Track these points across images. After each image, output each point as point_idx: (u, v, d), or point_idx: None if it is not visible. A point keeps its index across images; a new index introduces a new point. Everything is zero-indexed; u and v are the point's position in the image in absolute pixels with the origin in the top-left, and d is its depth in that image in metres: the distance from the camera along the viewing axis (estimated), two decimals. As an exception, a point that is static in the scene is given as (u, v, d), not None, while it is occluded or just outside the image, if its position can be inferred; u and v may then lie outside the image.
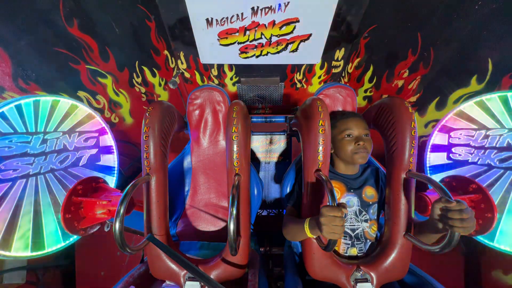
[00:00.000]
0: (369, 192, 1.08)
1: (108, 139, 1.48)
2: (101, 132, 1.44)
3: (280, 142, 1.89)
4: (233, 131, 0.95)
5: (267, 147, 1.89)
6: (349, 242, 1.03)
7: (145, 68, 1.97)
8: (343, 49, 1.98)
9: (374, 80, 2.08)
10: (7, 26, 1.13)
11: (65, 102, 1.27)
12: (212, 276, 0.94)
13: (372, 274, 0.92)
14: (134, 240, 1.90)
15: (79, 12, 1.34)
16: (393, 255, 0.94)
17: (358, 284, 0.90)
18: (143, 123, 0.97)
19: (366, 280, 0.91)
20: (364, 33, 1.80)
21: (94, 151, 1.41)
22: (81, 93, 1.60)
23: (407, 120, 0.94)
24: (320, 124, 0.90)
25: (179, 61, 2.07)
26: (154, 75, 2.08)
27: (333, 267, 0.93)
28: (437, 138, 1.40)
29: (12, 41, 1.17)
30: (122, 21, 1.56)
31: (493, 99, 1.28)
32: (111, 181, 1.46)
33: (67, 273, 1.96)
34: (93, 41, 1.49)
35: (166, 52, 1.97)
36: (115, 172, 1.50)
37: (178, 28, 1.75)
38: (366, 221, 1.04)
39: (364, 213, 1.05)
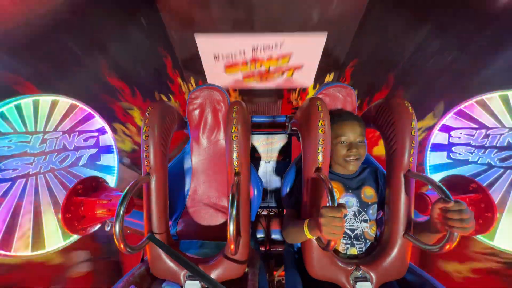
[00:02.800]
0: (368, 192, 1.07)
1: (108, 139, 1.48)
2: (101, 131, 1.44)
3: (280, 142, 1.88)
4: (233, 130, 0.95)
5: (267, 146, 1.89)
6: (349, 242, 1.03)
7: (162, 96, 2.51)
8: (332, 74, 2.41)
9: (358, 102, 2.37)
10: (62, 81, 1.62)
11: (64, 102, 1.27)
12: (212, 275, 0.94)
13: (372, 273, 0.92)
14: (134, 240, 1.91)
15: (116, 66, 1.84)
16: (392, 255, 0.94)
17: (358, 284, 0.90)
18: (143, 123, 0.97)
19: (365, 280, 0.91)
20: (349, 64, 2.27)
21: (94, 150, 1.41)
22: (116, 125, 2.09)
23: (407, 120, 0.94)
24: (320, 124, 0.89)
25: (189, 85, 2.53)
26: (169, 99, 2.58)
27: (332, 266, 0.93)
28: (437, 137, 1.40)
29: (68, 90, 1.49)
30: (146, 65, 2.11)
31: (493, 99, 1.28)
32: (111, 180, 1.47)
33: (116, 263, 2.16)
34: (126, 85, 2.01)
35: (179, 80, 2.46)
36: (115, 171, 1.50)
37: (190, 62, 2.19)
38: (365, 221, 1.04)
39: (363, 213, 1.05)
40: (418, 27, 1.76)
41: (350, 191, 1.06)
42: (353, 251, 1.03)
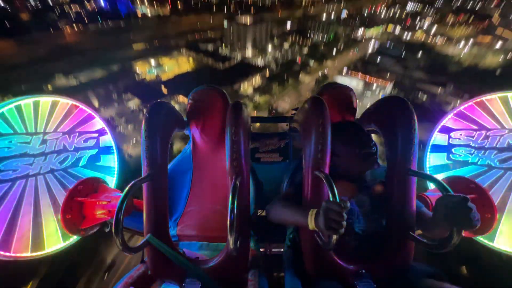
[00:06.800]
0: (380, 190, 1.06)
1: (108, 140, 1.48)
2: (101, 132, 1.44)
3: (280, 143, 1.88)
4: (233, 131, 0.95)
5: (267, 147, 1.89)
6: (357, 242, 1.01)
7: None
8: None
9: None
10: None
11: (64, 103, 1.27)
12: (212, 277, 0.93)
13: (374, 273, 0.92)
14: (134, 241, 1.90)
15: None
16: (395, 254, 0.94)
17: (360, 283, 0.90)
18: (143, 123, 0.97)
19: (367, 279, 0.91)
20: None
21: (94, 151, 1.41)
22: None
23: (407, 119, 0.94)
24: (320, 123, 0.90)
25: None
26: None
27: (334, 266, 0.93)
28: (437, 138, 1.40)
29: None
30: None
31: (493, 100, 1.28)
32: (111, 181, 1.46)
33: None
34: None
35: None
36: (115, 172, 1.50)
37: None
38: (376, 220, 1.03)
39: (375, 212, 1.03)
40: None
41: (362, 190, 1.04)
42: (361, 251, 1.01)
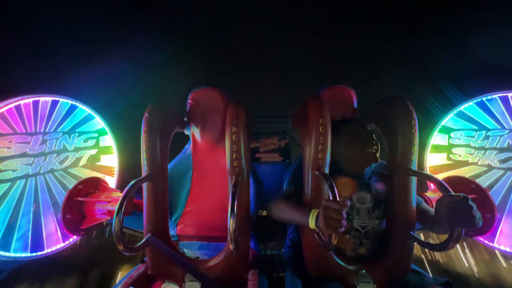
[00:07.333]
0: (381, 187, 1.05)
1: (108, 139, 1.48)
2: (101, 132, 1.44)
3: (280, 142, 1.88)
4: (233, 131, 0.95)
5: (267, 147, 1.89)
6: (358, 240, 1.01)
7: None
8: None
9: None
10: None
11: (64, 103, 1.27)
12: (211, 277, 0.93)
13: (374, 273, 0.92)
14: (133, 241, 1.90)
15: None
16: (395, 254, 0.94)
17: (360, 283, 0.90)
18: (143, 123, 0.97)
19: (367, 279, 0.91)
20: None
21: (94, 151, 1.41)
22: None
23: (407, 118, 0.94)
24: (320, 123, 0.90)
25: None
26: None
27: (334, 266, 0.93)
28: (437, 138, 1.40)
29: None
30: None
31: (493, 100, 1.28)
32: (111, 181, 1.46)
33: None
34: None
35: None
36: (115, 172, 1.50)
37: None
38: (377, 218, 1.02)
39: (376, 210, 1.02)
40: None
41: (364, 186, 1.03)
42: (362, 250, 1.01)
